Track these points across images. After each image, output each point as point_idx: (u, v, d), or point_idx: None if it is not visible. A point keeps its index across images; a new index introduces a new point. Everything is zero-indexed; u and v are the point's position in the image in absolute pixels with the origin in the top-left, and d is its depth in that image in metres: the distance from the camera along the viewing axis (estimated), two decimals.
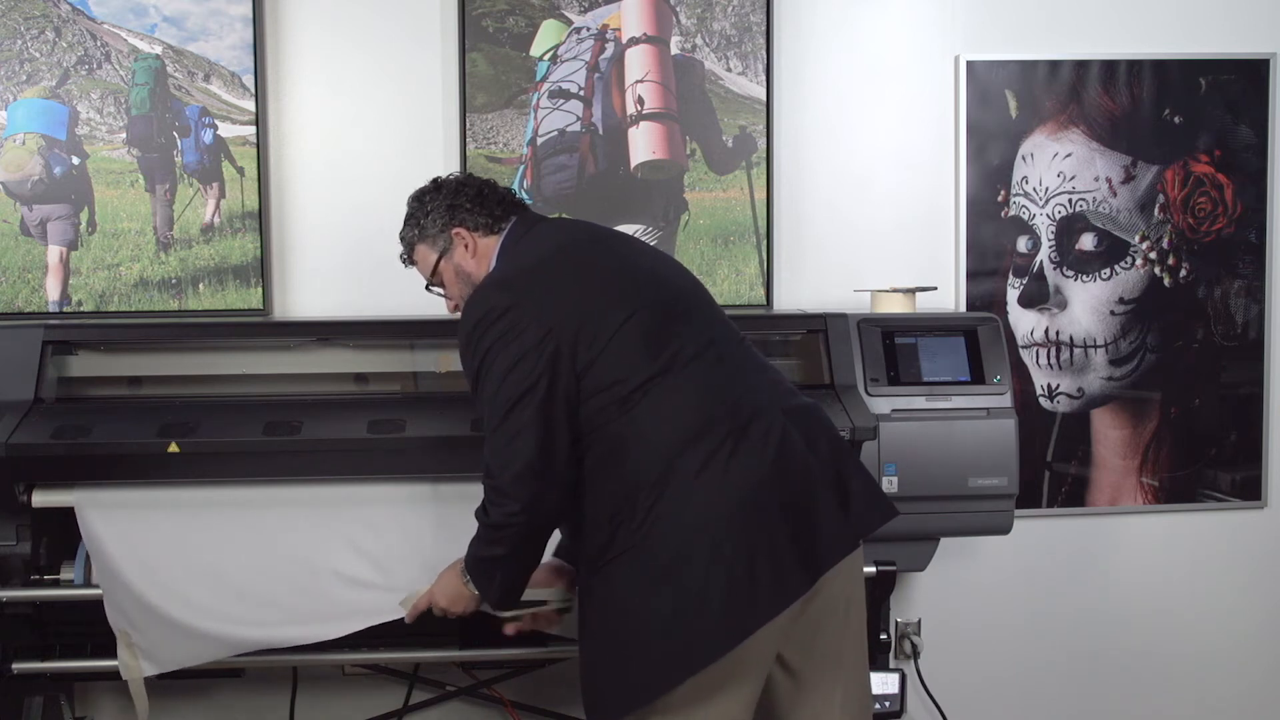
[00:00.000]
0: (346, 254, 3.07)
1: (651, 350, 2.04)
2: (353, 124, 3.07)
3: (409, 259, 2.39)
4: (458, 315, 2.23)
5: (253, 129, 3.00)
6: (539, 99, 3.08)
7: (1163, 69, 3.24)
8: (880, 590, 2.84)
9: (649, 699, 2.00)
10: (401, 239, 2.38)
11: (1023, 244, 3.24)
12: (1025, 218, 3.23)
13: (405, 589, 2.59)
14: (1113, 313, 3.27)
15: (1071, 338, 3.26)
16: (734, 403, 2.05)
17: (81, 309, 2.98)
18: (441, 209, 2.31)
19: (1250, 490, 3.36)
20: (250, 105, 3.00)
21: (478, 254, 2.28)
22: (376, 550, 2.64)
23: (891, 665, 2.96)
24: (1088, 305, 3.26)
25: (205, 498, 2.62)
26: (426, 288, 2.39)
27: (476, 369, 2.10)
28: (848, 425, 2.65)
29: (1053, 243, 3.24)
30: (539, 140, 3.08)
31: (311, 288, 3.08)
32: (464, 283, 2.29)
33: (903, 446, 2.73)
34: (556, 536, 2.31)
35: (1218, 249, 3.30)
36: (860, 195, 3.22)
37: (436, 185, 2.36)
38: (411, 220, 2.35)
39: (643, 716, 2.03)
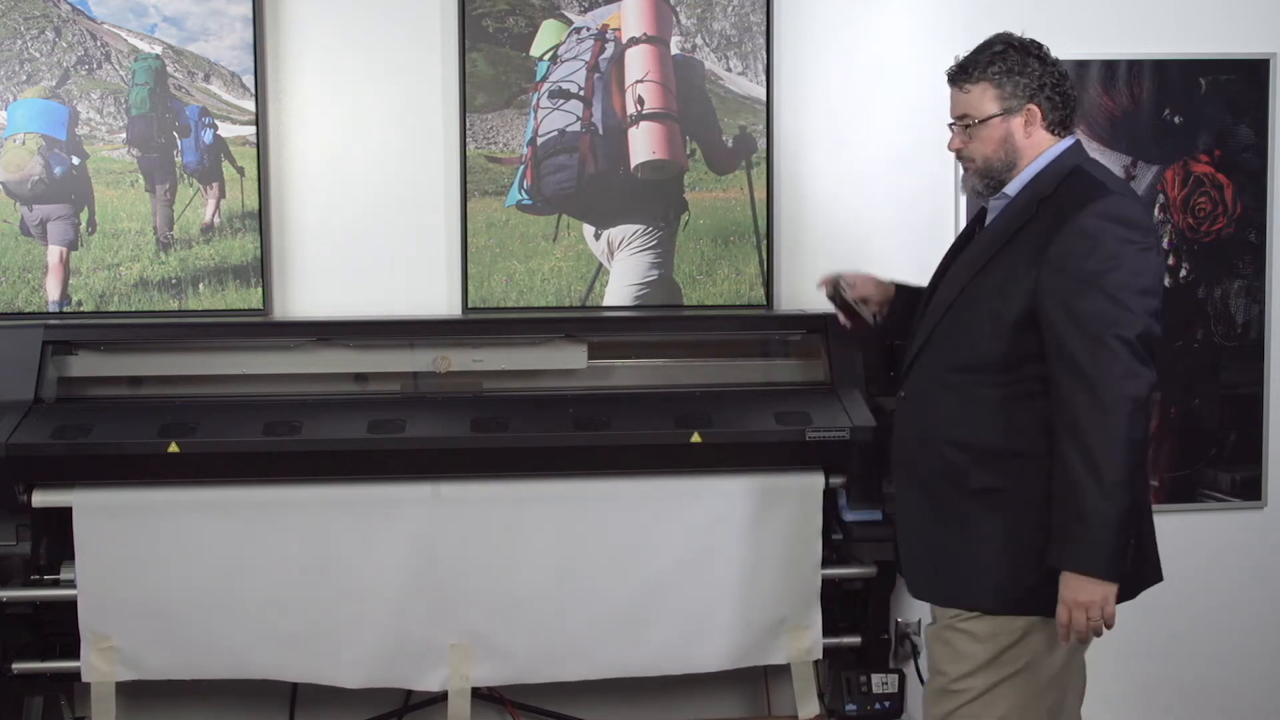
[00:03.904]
0: (347, 254, 3.07)
1: None
2: (353, 124, 3.07)
3: (960, 85, 2.30)
4: (960, 156, 2.32)
5: (253, 129, 3.00)
6: (539, 99, 3.08)
7: (1162, 69, 3.24)
8: (881, 590, 2.85)
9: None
10: (972, 62, 2.28)
11: None
12: None
13: (409, 614, 2.61)
14: None
15: None
16: None
17: (81, 309, 2.98)
18: (1036, 77, 2.24)
19: (1250, 490, 3.35)
20: (250, 105, 3.00)
21: (1031, 140, 2.25)
22: (379, 561, 2.65)
23: (891, 665, 2.96)
24: None
25: (205, 498, 2.62)
26: (951, 124, 2.33)
27: (1102, 267, 2.08)
28: (847, 425, 2.65)
29: None
30: (539, 140, 3.08)
31: (311, 288, 3.08)
32: (1002, 150, 2.25)
33: None
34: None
35: (1218, 249, 3.30)
36: (860, 195, 3.21)
37: (1041, 56, 2.26)
38: (999, 61, 2.26)
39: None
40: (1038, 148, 2.25)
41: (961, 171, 2.39)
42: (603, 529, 2.70)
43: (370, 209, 3.07)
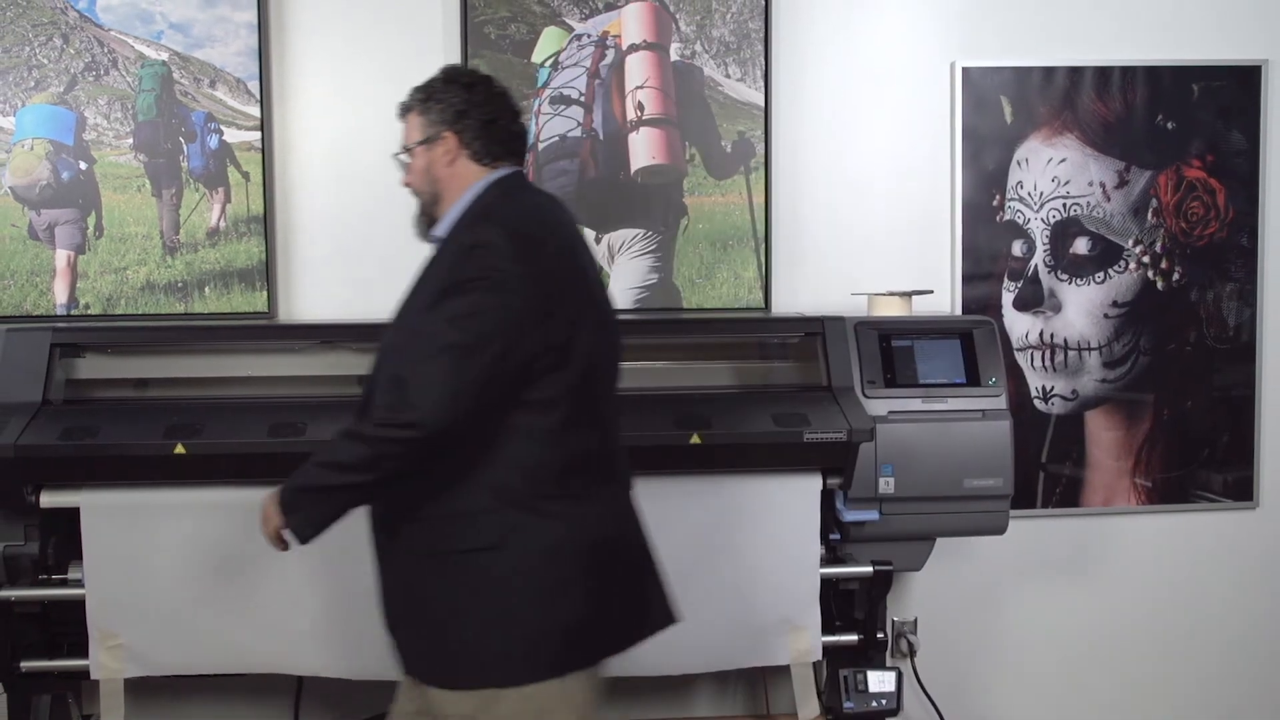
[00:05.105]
0: (350, 257, 3.10)
1: (588, 384, 2.08)
2: (356, 129, 3.09)
3: (402, 114, 2.23)
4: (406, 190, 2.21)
5: (258, 134, 3.03)
6: (540, 105, 3.11)
7: (1156, 75, 3.28)
8: (877, 589, 2.88)
9: (530, 678, 2.00)
10: (410, 95, 2.22)
11: (1018, 248, 3.27)
12: (1020, 222, 3.27)
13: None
14: (1106, 316, 3.30)
15: (1066, 340, 3.29)
16: (613, 452, 2.18)
17: (89, 312, 3.01)
18: (451, 107, 2.15)
19: (1242, 491, 3.38)
20: (255, 111, 3.03)
21: (454, 169, 2.14)
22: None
23: (888, 664, 2.99)
24: (1082, 308, 3.29)
25: (210, 498, 2.65)
26: (397, 154, 2.23)
27: (444, 285, 2.01)
28: (845, 427, 2.68)
29: (1047, 247, 3.27)
30: (540, 146, 3.11)
31: (316, 291, 3.11)
32: (425, 181, 2.17)
33: (899, 448, 2.76)
34: None
35: (1210, 253, 3.33)
36: (858, 200, 3.24)
37: (468, 84, 2.18)
38: (425, 91, 2.20)
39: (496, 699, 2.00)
40: (462, 180, 2.14)
41: None
42: None
43: (374, 213, 3.10)
